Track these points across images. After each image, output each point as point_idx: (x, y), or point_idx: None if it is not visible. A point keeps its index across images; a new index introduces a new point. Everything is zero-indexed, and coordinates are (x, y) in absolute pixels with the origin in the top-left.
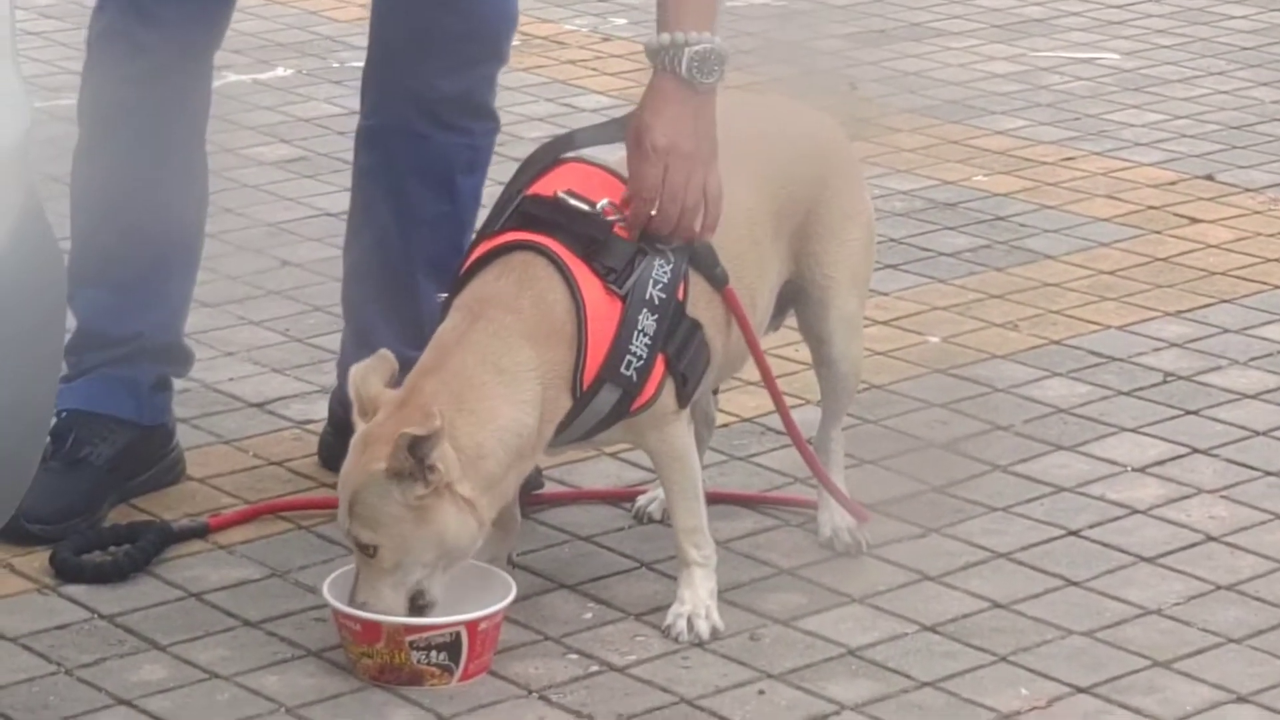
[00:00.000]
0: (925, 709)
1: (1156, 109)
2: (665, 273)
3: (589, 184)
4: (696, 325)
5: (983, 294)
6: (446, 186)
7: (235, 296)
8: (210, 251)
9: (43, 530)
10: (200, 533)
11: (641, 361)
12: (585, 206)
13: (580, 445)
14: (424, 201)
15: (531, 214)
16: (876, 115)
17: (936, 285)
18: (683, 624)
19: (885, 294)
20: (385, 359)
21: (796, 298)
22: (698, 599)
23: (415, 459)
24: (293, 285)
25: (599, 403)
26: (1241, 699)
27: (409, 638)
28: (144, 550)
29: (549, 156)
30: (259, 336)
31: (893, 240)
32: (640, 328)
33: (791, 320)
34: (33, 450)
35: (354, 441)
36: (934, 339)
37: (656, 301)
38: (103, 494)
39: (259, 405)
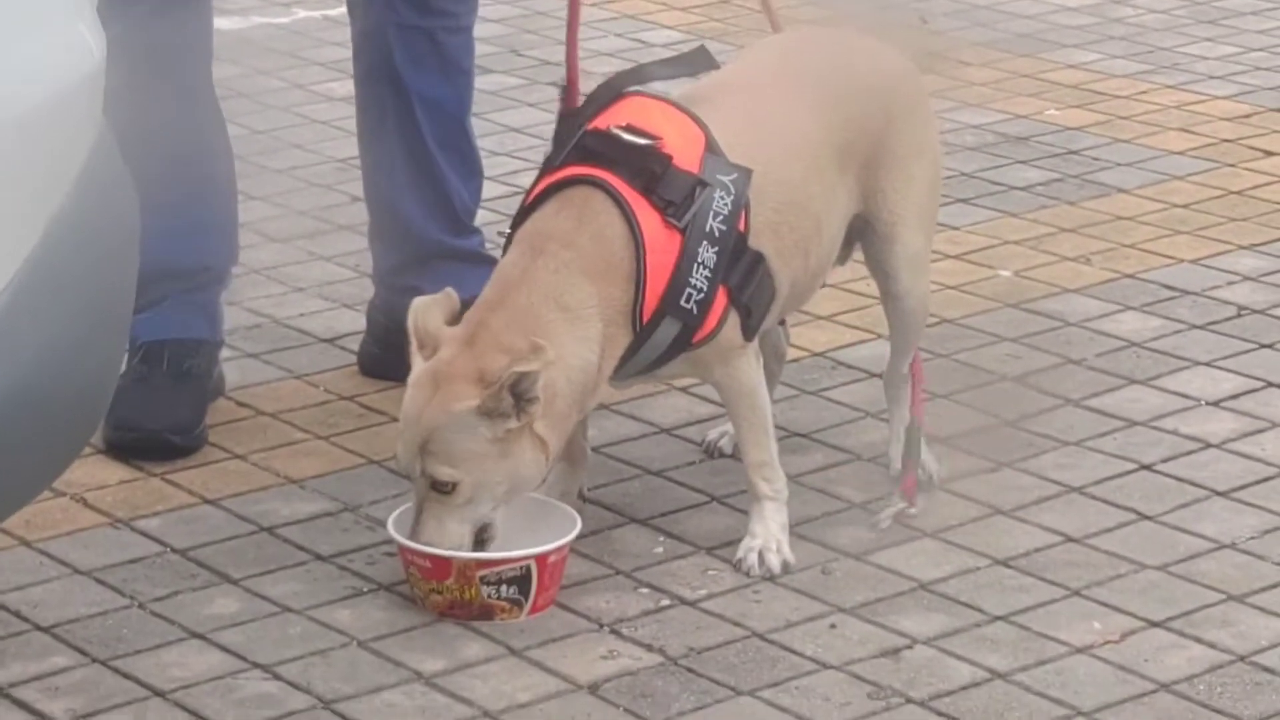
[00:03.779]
0: (997, 643)
1: (1230, 41)
2: (726, 204)
3: (649, 117)
4: (759, 257)
5: (1054, 228)
6: (443, 68)
7: (305, 232)
8: (280, 187)
9: (184, 441)
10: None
11: (702, 294)
12: (642, 140)
13: (648, 380)
14: (425, 85)
15: (591, 148)
16: (948, 49)
17: (1008, 219)
18: (754, 558)
19: (956, 228)
20: (448, 296)
21: (864, 232)
22: (769, 533)
23: (514, 395)
24: (362, 220)
25: (659, 336)
26: None
27: (480, 572)
28: None
29: (614, 90)
30: (329, 272)
31: (964, 174)
32: (700, 260)
33: (860, 255)
34: (103, 401)
35: (420, 378)
36: (1005, 273)
37: (717, 234)
38: (206, 405)
39: (330, 340)
